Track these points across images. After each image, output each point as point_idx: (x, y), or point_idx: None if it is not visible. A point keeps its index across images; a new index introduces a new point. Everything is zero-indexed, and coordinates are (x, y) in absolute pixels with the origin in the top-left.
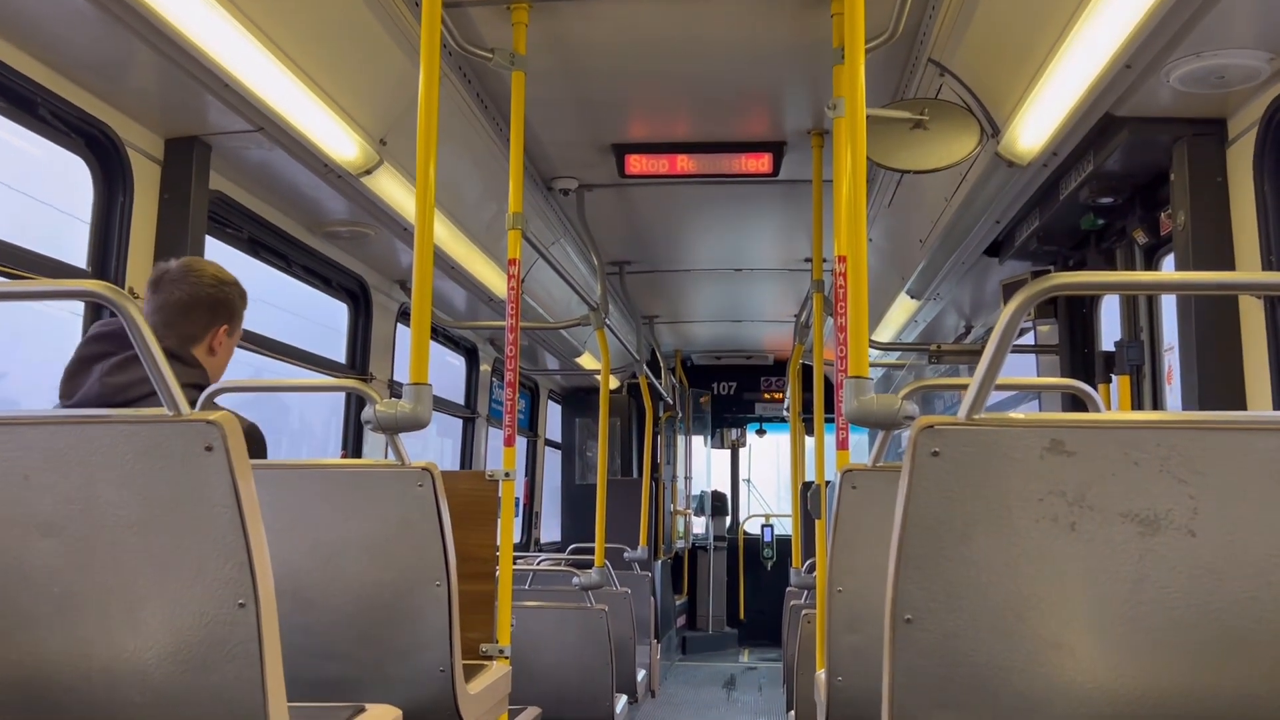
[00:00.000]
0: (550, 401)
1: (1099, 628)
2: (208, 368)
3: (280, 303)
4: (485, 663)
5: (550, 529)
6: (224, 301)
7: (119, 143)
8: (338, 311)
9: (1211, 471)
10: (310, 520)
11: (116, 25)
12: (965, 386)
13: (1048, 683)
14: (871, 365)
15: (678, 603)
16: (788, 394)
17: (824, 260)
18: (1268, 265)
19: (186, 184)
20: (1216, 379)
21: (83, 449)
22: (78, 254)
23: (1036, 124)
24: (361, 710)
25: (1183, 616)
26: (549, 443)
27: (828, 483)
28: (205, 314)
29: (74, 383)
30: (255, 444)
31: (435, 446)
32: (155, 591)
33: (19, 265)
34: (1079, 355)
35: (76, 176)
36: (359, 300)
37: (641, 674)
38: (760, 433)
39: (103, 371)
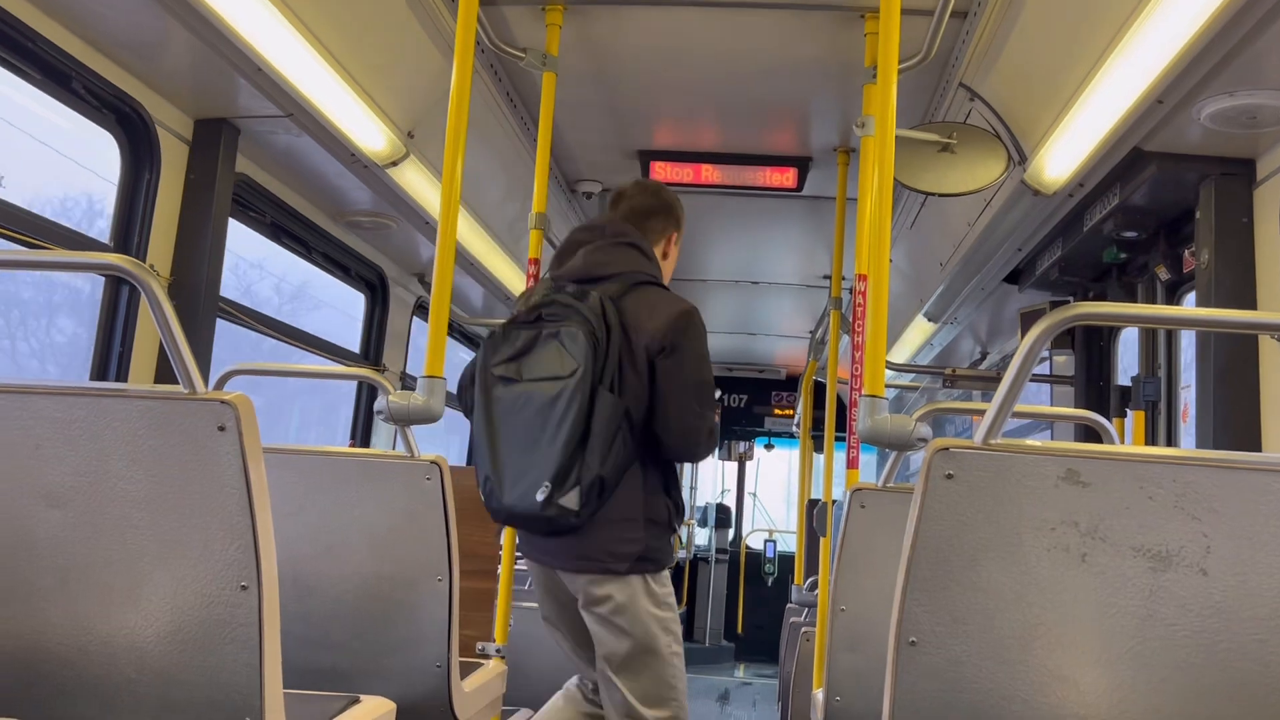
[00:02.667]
0: None
1: (1105, 662)
2: (662, 268)
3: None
4: (482, 661)
5: None
6: (676, 212)
7: (149, 121)
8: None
9: (1226, 511)
10: (316, 507)
11: (154, 4)
12: (980, 411)
13: (1050, 715)
14: (886, 385)
15: None
16: (798, 409)
17: (843, 278)
18: None
19: (213, 165)
20: (1233, 419)
21: (96, 421)
22: (84, 224)
23: (1064, 154)
24: (356, 701)
25: (1190, 656)
26: None
27: (835, 501)
28: (663, 219)
29: (562, 260)
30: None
31: (443, 443)
32: (159, 569)
33: (42, 236)
34: (1094, 388)
35: (103, 150)
36: (376, 291)
37: None
38: (769, 447)
39: (586, 253)
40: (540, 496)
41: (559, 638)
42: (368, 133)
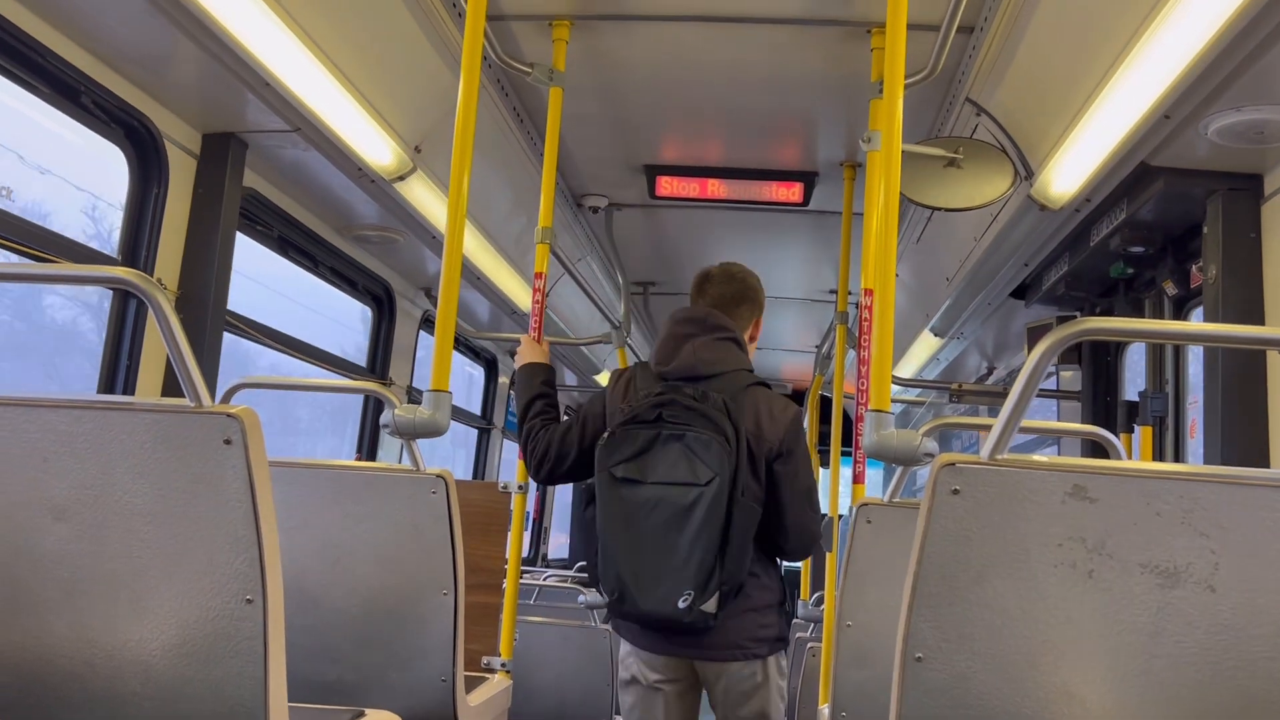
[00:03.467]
0: (566, 417)
1: (1112, 679)
2: (749, 350)
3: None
4: (487, 675)
5: (559, 545)
6: (760, 298)
7: (157, 135)
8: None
9: (1235, 527)
10: (321, 520)
11: (163, 19)
12: (986, 427)
13: None
14: (892, 400)
15: None
16: (804, 424)
17: (849, 293)
18: None
19: (221, 180)
20: (1240, 434)
21: (102, 435)
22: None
23: (1071, 169)
24: (361, 715)
25: (1198, 674)
26: None
27: (841, 516)
28: (750, 306)
29: (668, 354)
30: None
31: (448, 456)
32: (164, 582)
33: (50, 249)
34: (1101, 403)
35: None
36: (383, 305)
37: None
38: None
39: (692, 349)
40: (683, 604)
41: (660, 709)
42: (375, 147)
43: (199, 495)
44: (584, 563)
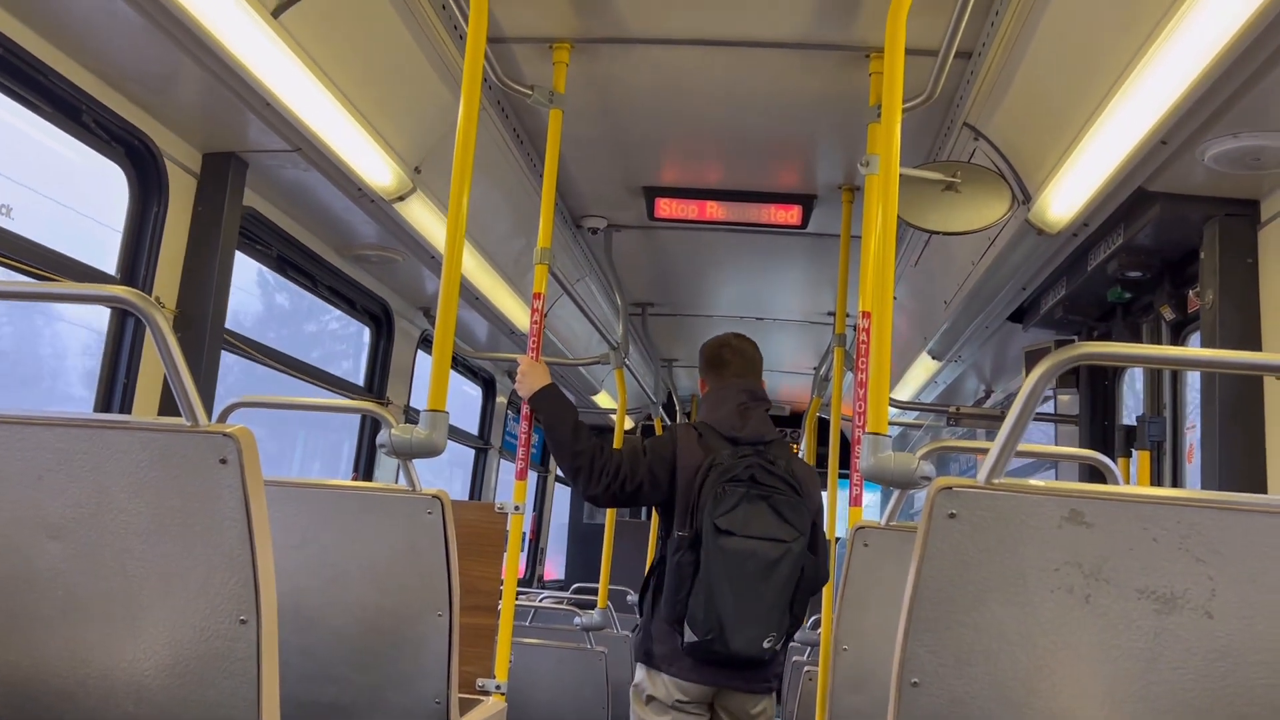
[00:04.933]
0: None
1: (1110, 705)
2: None
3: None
4: (481, 697)
5: (555, 567)
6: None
7: (158, 154)
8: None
9: (1231, 553)
10: (317, 540)
11: (164, 38)
12: (984, 450)
13: None
14: (890, 423)
15: None
16: (802, 446)
17: (847, 315)
18: None
19: (220, 199)
20: (1238, 460)
21: (97, 453)
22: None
23: (1068, 194)
24: None
25: (1196, 699)
26: (560, 479)
27: (838, 539)
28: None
29: (737, 420)
30: None
31: (445, 475)
32: (159, 601)
33: (48, 268)
34: (1099, 427)
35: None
36: (381, 324)
37: None
38: None
39: (758, 420)
40: (768, 644)
41: None
42: (375, 167)
43: (194, 514)
44: (580, 585)
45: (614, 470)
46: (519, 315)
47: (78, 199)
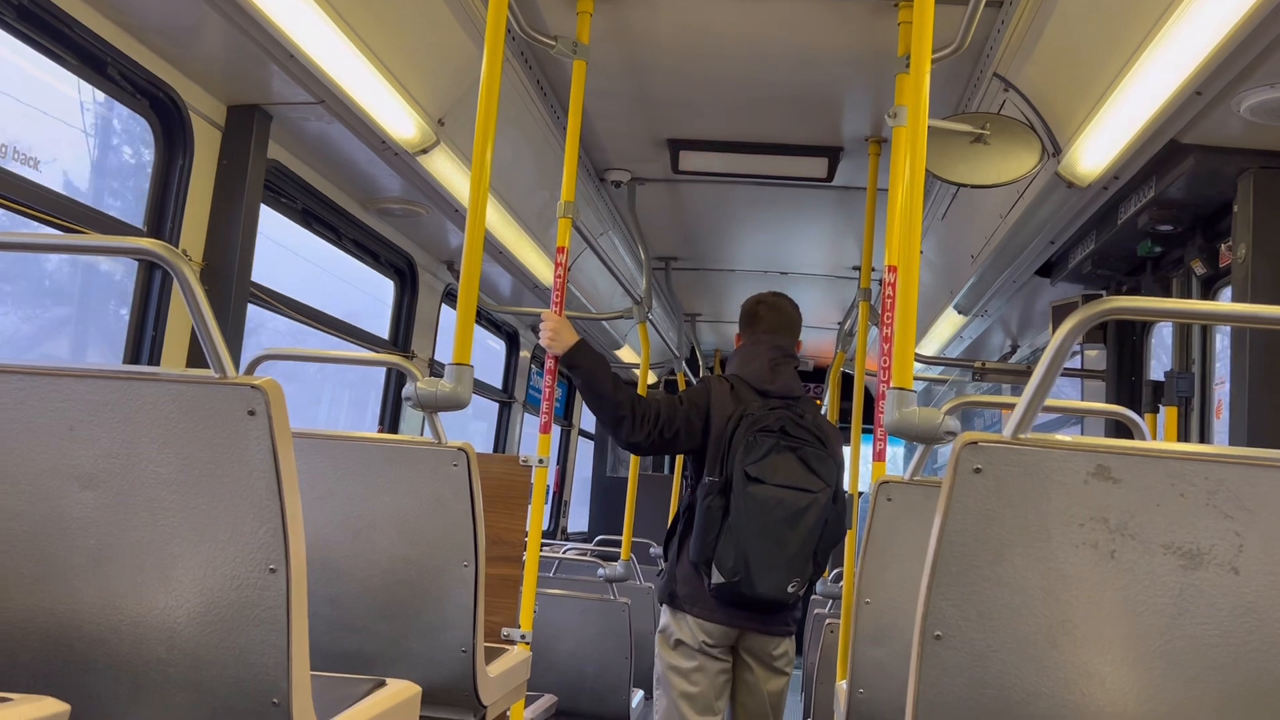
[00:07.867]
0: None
1: (1133, 660)
2: None
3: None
4: (506, 646)
5: (578, 519)
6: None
7: (183, 107)
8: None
9: (1259, 509)
10: (344, 492)
11: None
12: (1009, 405)
13: (1076, 712)
14: (914, 378)
15: None
16: (826, 401)
17: (872, 269)
18: None
19: (245, 152)
20: (1267, 416)
21: (127, 404)
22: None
23: (1100, 146)
24: (382, 684)
25: (1220, 655)
26: (583, 433)
27: (861, 493)
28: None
29: (768, 374)
30: None
31: (470, 429)
32: (189, 551)
33: (76, 220)
34: (1126, 383)
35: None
36: (405, 278)
37: None
38: None
39: (789, 377)
40: (791, 589)
41: (702, 679)
42: (398, 120)
43: (223, 465)
44: (603, 537)
45: (654, 418)
46: (543, 269)
47: (102, 150)
